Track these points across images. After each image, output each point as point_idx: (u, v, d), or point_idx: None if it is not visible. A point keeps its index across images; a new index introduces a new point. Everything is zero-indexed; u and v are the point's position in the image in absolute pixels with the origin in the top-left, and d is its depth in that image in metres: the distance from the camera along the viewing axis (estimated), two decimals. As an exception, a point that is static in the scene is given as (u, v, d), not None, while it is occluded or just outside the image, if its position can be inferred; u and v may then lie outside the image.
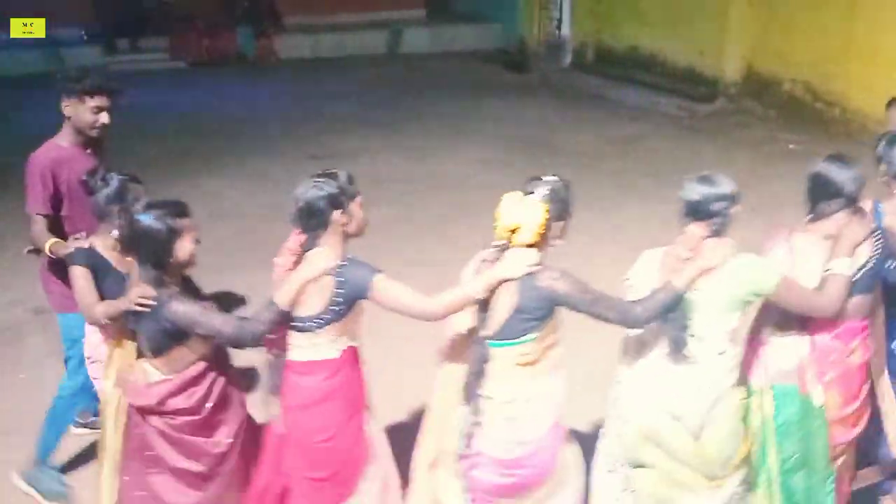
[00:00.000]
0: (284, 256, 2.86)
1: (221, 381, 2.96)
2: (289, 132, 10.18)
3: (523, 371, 2.76)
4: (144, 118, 10.77)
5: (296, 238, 2.85)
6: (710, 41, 10.83)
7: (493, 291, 2.72)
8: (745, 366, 3.01)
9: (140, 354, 2.94)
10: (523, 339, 2.73)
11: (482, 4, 15.75)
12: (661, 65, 11.78)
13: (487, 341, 2.77)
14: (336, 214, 2.76)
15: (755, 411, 3.05)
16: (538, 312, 2.70)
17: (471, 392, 2.80)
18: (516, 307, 2.70)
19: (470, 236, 6.87)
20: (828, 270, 2.89)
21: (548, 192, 2.71)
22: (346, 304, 2.76)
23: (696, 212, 2.77)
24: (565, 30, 13.68)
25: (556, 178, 2.78)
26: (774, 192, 7.34)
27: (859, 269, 2.93)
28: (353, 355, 2.90)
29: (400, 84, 12.88)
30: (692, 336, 2.78)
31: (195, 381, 2.89)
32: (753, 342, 3.08)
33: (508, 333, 2.73)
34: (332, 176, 2.79)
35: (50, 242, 3.44)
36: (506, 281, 2.69)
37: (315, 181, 2.76)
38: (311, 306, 2.76)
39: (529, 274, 2.67)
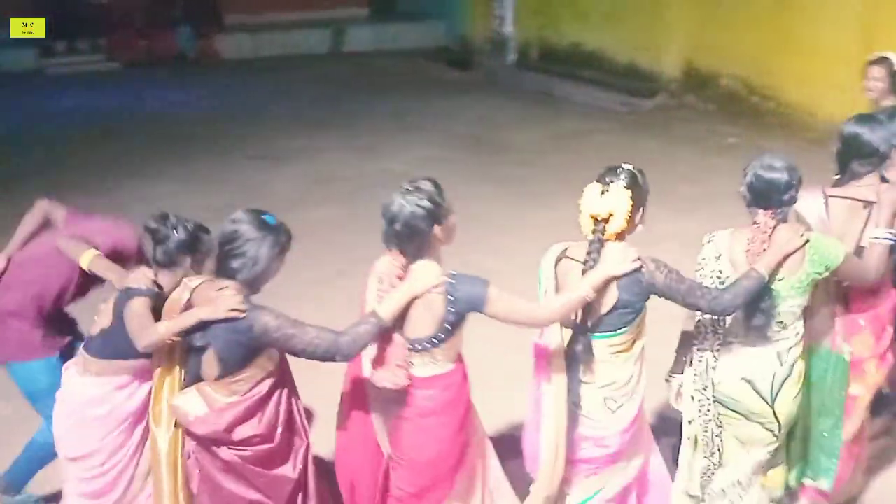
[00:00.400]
0: (385, 283, 2.69)
1: (286, 401, 2.78)
2: (232, 132, 10.03)
3: (618, 358, 2.86)
4: (84, 121, 10.52)
5: (397, 261, 2.67)
6: (650, 38, 11.01)
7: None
8: None
9: (193, 381, 2.73)
10: (623, 330, 2.81)
11: (425, 2, 15.74)
12: (603, 61, 11.93)
13: (589, 333, 2.81)
14: (437, 230, 2.64)
15: None
16: (638, 305, 2.79)
17: (570, 380, 2.85)
18: (618, 301, 2.75)
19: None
20: (872, 238, 3.02)
21: (628, 180, 2.76)
22: (459, 319, 2.66)
23: (766, 200, 2.84)
24: (509, 27, 13.75)
25: (631, 166, 2.82)
26: (715, 186, 7.50)
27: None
28: (463, 367, 2.84)
29: (344, 82, 12.80)
30: (777, 322, 2.91)
31: (263, 402, 2.70)
32: None
33: (609, 326, 2.80)
34: (422, 189, 2.64)
35: (92, 254, 3.11)
36: (612, 279, 2.72)
37: (408, 198, 2.59)
38: (422, 327, 2.66)
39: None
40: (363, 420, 2.90)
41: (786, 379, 2.97)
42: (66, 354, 3.36)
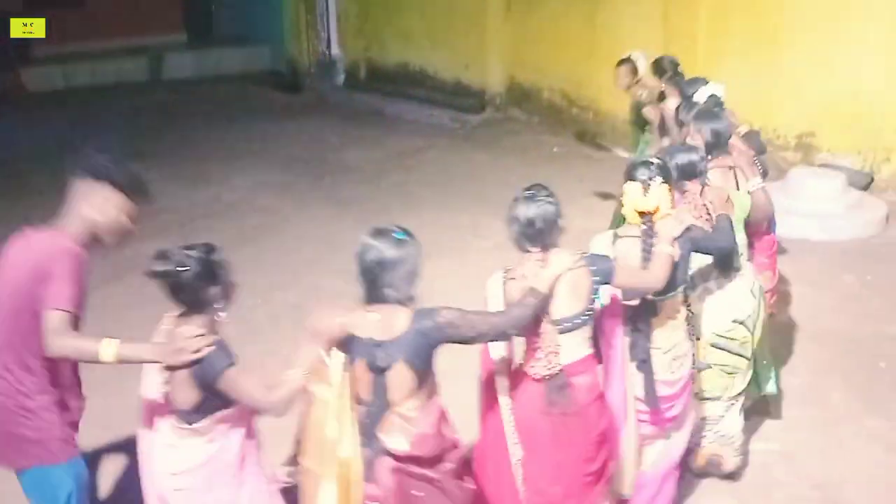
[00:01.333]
0: (529, 279, 2.87)
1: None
2: (46, 169, 9.31)
3: (679, 317, 3.32)
4: None
5: (536, 256, 2.92)
6: (474, 55, 11.36)
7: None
8: None
9: (381, 410, 2.68)
10: (681, 287, 3.27)
11: (247, 26, 15.42)
12: (431, 79, 12.18)
13: (657, 297, 3.19)
14: (561, 223, 2.97)
15: None
16: (687, 262, 3.26)
17: (640, 350, 3.23)
18: (680, 258, 3.18)
19: (251, 262, 6.69)
20: (752, 188, 3.88)
21: (663, 174, 3.18)
22: (598, 291, 2.97)
23: (690, 173, 3.52)
24: (335, 48, 13.74)
25: (657, 160, 3.25)
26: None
27: None
28: None
29: (166, 111, 12.27)
30: (740, 252, 3.70)
31: (442, 411, 2.78)
32: None
33: (672, 285, 3.17)
34: (542, 190, 2.97)
35: (113, 345, 2.60)
36: (675, 239, 3.16)
37: (538, 199, 2.92)
38: (571, 304, 2.91)
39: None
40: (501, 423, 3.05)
41: (758, 310, 3.72)
42: None
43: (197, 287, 2.63)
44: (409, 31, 12.27)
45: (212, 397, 2.65)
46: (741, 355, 3.70)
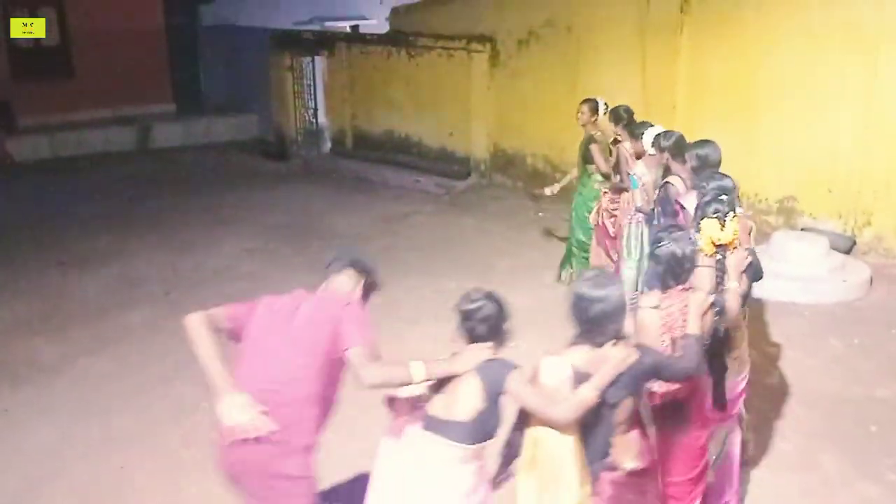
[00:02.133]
0: (663, 310, 3.24)
1: None
2: (31, 238, 9.31)
3: (742, 330, 3.74)
4: None
5: (679, 292, 3.27)
6: (458, 124, 11.55)
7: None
8: None
9: (607, 439, 2.95)
10: (748, 302, 3.75)
11: (235, 96, 15.65)
12: (416, 146, 12.34)
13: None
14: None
15: None
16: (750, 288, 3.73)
17: (720, 358, 3.54)
18: (749, 285, 3.67)
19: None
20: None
21: (728, 205, 3.53)
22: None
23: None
24: (322, 117, 13.93)
25: (725, 196, 3.57)
26: (530, 258, 7.88)
27: None
28: None
29: (154, 180, 12.33)
30: None
31: None
32: None
33: (744, 300, 3.63)
34: (683, 233, 3.36)
35: (422, 365, 2.94)
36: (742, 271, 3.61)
37: (686, 240, 3.28)
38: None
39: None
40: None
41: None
42: None
43: (499, 323, 2.99)
44: (395, 100, 12.48)
45: (491, 409, 2.89)
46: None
